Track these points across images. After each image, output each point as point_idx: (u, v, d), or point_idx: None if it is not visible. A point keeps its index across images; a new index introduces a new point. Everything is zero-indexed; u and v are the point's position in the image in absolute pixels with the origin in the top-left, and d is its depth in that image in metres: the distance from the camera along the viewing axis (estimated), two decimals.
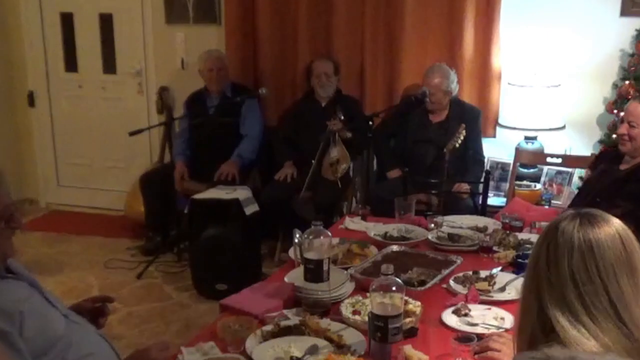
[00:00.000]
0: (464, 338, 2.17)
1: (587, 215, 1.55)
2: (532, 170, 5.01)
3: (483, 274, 2.76)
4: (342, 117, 4.96)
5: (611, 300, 1.46)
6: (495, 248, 3.10)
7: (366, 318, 2.24)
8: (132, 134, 5.09)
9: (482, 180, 4.59)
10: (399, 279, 2.26)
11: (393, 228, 3.36)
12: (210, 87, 5.50)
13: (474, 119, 4.90)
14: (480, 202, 4.55)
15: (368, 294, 2.25)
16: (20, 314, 2.02)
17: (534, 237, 3.06)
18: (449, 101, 4.93)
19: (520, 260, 2.87)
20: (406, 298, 2.29)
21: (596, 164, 3.97)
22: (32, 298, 2.12)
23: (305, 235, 2.53)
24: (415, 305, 2.41)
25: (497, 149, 5.21)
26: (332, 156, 5.01)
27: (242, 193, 4.80)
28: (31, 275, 2.22)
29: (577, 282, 1.47)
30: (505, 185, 4.99)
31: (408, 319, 2.28)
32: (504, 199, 4.86)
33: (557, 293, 1.48)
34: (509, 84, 5.03)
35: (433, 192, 4.61)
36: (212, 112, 5.43)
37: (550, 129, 4.91)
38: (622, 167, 3.70)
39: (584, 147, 5.00)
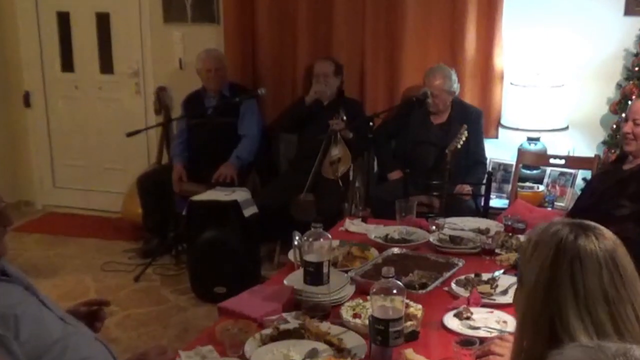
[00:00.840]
0: (466, 342, 2.17)
1: (593, 229, 1.54)
2: (534, 171, 5.01)
3: (485, 276, 2.76)
4: (345, 118, 4.97)
5: (636, 311, 1.46)
6: (497, 250, 3.10)
7: (367, 321, 2.24)
8: (129, 134, 5.09)
9: (484, 181, 4.59)
10: (400, 281, 2.26)
11: (394, 230, 3.36)
12: (208, 87, 5.50)
13: (475, 119, 4.90)
14: (482, 203, 4.55)
15: (369, 297, 2.25)
16: (15, 318, 2.02)
17: None
18: (451, 102, 4.94)
19: None
20: (407, 301, 2.29)
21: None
22: (27, 301, 2.12)
23: (305, 238, 2.53)
24: (416, 309, 2.41)
25: (499, 150, 5.21)
26: (332, 155, 5.02)
27: (240, 195, 4.80)
28: (26, 278, 2.22)
29: (609, 300, 1.46)
30: (508, 187, 4.98)
31: (409, 323, 2.28)
32: (507, 201, 4.86)
33: (584, 314, 1.45)
34: (511, 84, 5.03)
35: (434, 193, 4.61)
36: (210, 113, 5.43)
37: (553, 130, 4.91)
38: (626, 166, 3.70)
39: (588, 148, 5.00)
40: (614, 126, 4.76)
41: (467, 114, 4.91)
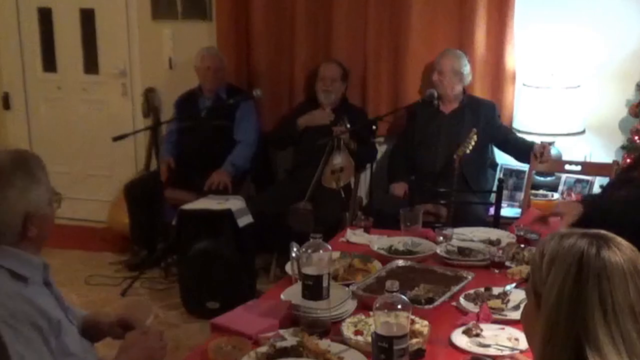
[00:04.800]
0: None
1: (612, 239, 1.53)
2: (549, 178, 5.02)
3: (496, 290, 2.77)
4: (349, 126, 4.97)
5: None
6: (508, 263, 3.10)
7: (369, 339, 2.24)
8: (115, 139, 5.10)
9: (494, 189, 4.60)
10: (405, 296, 2.26)
11: (398, 241, 3.36)
12: (204, 86, 5.51)
13: (489, 111, 4.98)
14: (493, 212, 4.55)
15: (371, 313, 2.25)
16: (59, 323, 2.17)
17: None
18: (462, 92, 4.99)
19: None
20: (413, 317, 2.30)
21: None
22: (61, 315, 2.24)
23: (304, 249, 2.53)
24: (422, 325, 2.41)
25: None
26: (335, 163, 5.02)
27: (234, 203, 4.80)
28: (59, 291, 2.34)
29: (636, 313, 1.47)
30: (520, 195, 4.99)
31: (415, 340, 2.29)
32: (519, 210, 4.87)
33: (614, 331, 1.46)
34: (524, 85, 5.04)
35: (442, 202, 4.62)
36: (204, 115, 5.44)
37: (568, 134, 4.92)
38: None
39: (605, 153, 5.00)
40: (634, 130, 4.76)
41: (480, 106, 4.98)
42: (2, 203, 2.14)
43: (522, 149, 4.87)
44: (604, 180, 4.71)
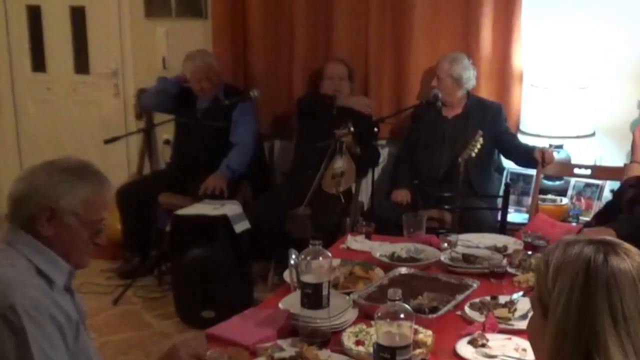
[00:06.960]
0: None
1: (619, 245, 1.54)
2: (557, 182, 5.02)
3: (502, 299, 2.77)
4: (352, 129, 4.96)
5: None
6: (513, 271, 3.10)
7: (371, 349, 2.25)
8: (107, 141, 5.10)
9: (501, 193, 4.60)
10: (408, 305, 2.26)
11: (401, 248, 3.36)
12: (200, 93, 5.48)
13: (496, 113, 4.98)
14: (499, 218, 4.55)
15: (373, 322, 2.26)
16: (77, 324, 2.22)
17: None
18: (465, 96, 4.98)
19: None
20: (416, 327, 2.30)
21: None
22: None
23: (302, 256, 2.54)
24: (426, 335, 2.41)
25: None
26: (336, 167, 5.01)
27: (231, 208, 4.81)
28: (80, 302, 2.36)
29: None
30: (528, 200, 4.99)
31: (418, 350, 2.29)
32: (526, 215, 4.87)
33: (624, 339, 1.46)
34: (531, 85, 5.05)
35: (446, 207, 4.62)
36: (200, 115, 5.44)
37: (578, 136, 4.92)
38: None
39: (616, 156, 5.00)
40: None
41: (485, 106, 4.97)
42: (32, 179, 2.22)
43: (524, 154, 4.87)
44: (615, 185, 4.72)
